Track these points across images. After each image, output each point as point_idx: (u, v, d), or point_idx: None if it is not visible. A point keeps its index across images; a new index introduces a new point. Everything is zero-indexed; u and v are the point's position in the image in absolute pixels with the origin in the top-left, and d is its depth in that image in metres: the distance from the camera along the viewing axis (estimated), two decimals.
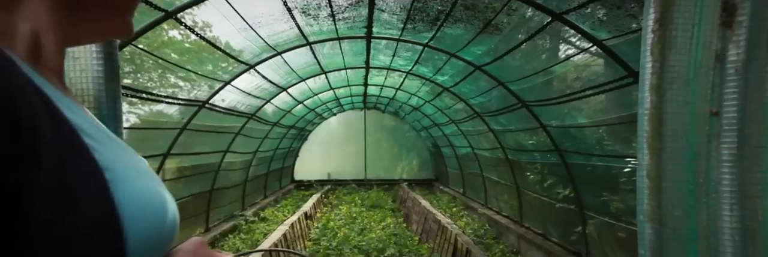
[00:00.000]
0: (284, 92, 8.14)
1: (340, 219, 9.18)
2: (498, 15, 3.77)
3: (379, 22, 4.87)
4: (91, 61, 1.02)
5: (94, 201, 0.47)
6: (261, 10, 4.02)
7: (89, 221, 0.45)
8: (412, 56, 6.46)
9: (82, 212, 0.45)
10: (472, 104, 7.59)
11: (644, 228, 1.16)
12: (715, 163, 1.03)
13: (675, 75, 1.10)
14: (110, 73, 1.07)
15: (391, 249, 6.48)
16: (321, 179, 15.50)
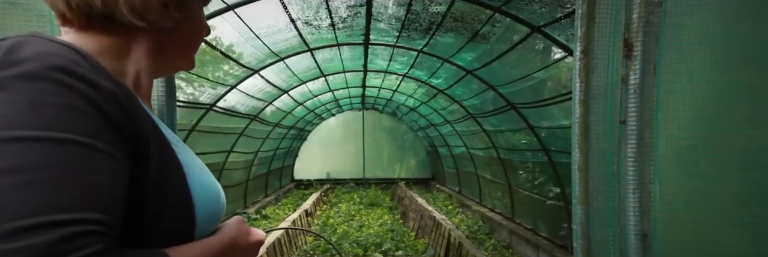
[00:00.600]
0: (285, 94, 8.49)
1: (340, 216, 9.52)
2: (484, 26, 4.13)
3: (376, 31, 5.23)
4: (158, 84, 1.37)
5: (178, 185, 0.73)
6: (268, 22, 4.38)
7: (175, 196, 0.72)
8: (407, 61, 6.82)
9: (171, 190, 0.71)
10: (466, 106, 7.94)
11: (576, 209, 1.52)
12: (624, 159, 1.38)
13: (596, 92, 1.46)
14: (170, 92, 1.43)
15: (387, 243, 6.83)
16: (320, 178, 15.78)
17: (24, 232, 0.51)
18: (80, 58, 0.63)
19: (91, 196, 0.57)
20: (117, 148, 0.62)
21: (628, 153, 1.36)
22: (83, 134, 0.58)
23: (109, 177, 0.60)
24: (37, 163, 0.55)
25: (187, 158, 0.79)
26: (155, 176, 0.69)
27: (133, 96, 0.69)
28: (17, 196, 0.53)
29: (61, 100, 0.58)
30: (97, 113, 0.61)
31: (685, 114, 1.34)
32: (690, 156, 1.34)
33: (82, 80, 0.60)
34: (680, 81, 1.32)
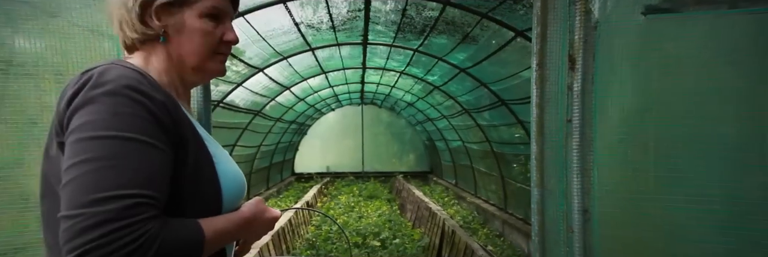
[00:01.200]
0: (287, 91, 8.84)
1: (340, 207, 9.89)
2: (473, 29, 4.47)
3: (374, 32, 5.57)
4: (196, 91, 1.72)
5: (209, 172, 0.96)
6: (273, 26, 4.72)
7: (206, 181, 0.96)
8: (404, 59, 7.15)
9: (203, 176, 0.95)
10: (461, 102, 8.29)
11: (534, 191, 1.87)
12: (570, 150, 1.73)
13: (549, 97, 1.81)
14: (205, 96, 1.78)
15: (385, 232, 7.19)
16: (320, 171, 16.07)
17: (102, 201, 0.76)
18: (142, 78, 0.90)
19: (146, 178, 0.82)
20: (165, 143, 0.87)
21: (573, 146, 1.71)
22: (143, 134, 0.84)
23: (160, 164, 0.85)
24: (113, 154, 0.80)
25: (216, 151, 1.03)
26: (192, 165, 0.94)
27: (176, 104, 0.95)
28: (100, 177, 0.78)
29: (130, 110, 0.84)
30: (153, 118, 0.86)
31: (617, 114, 1.69)
32: (620, 148, 1.69)
33: (143, 94, 0.86)
34: (612, 88, 1.67)
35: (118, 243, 0.75)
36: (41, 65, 1.54)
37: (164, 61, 1.05)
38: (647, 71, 1.65)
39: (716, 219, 1.54)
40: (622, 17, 1.63)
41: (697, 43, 1.58)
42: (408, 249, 6.38)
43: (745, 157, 1.52)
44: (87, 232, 0.75)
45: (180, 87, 1.10)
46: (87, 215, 0.76)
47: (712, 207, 1.54)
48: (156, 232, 0.80)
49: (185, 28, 1.04)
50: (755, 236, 1.47)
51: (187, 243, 0.87)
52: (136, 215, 0.78)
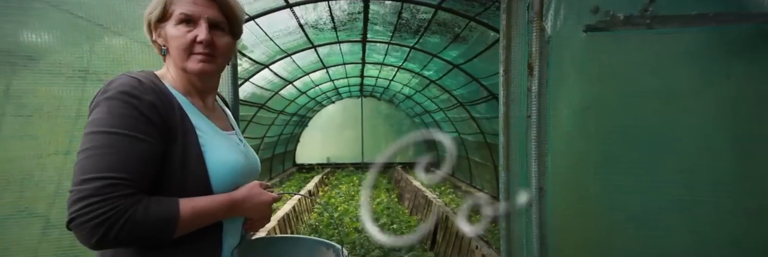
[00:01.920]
0: (290, 85, 9.25)
1: (340, 196, 10.32)
2: (463, 31, 4.88)
3: (373, 31, 5.97)
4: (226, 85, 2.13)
5: (197, 159, 1.12)
6: (280, 27, 5.12)
7: (195, 167, 1.11)
8: (401, 55, 7.56)
9: (190, 164, 1.10)
10: (456, 95, 8.69)
11: (502, 174, 2.29)
12: (530, 140, 2.14)
13: (514, 97, 2.22)
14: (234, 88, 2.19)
15: (384, 219, 7.64)
16: (321, 162, 16.40)
17: (87, 181, 0.95)
18: (138, 84, 1.07)
19: (126, 164, 1.00)
20: (152, 136, 1.05)
21: (532, 137, 2.13)
22: (130, 130, 1.02)
23: (143, 154, 1.03)
24: (102, 145, 1.00)
25: (212, 141, 1.18)
26: (180, 153, 1.12)
27: (170, 104, 1.13)
28: (89, 163, 0.98)
29: (122, 111, 1.02)
30: (142, 116, 1.04)
31: (565, 111, 2.10)
32: (569, 138, 2.11)
33: (134, 97, 1.04)
34: (562, 90, 2.08)
35: (92, 214, 0.94)
36: (109, 73, 1.95)
37: (174, 69, 1.23)
38: (588, 77, 2.06)
39: (641, 190, 1.96)
40: (568, 34, 2.04)
41: (626, 54, 2.00)
42: (405, 233, 6.82)
43: (663, 143, 1.94)
44: (74, 204, 0.95)
45: (192, 89, 1.26)
46: (75, 191, 0.96)
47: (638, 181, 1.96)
48: (126, 207, 0.97)
49: (168, 37, 1.18)
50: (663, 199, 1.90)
51: (159, 217, 1.02)
52: (110, 193, 0.96)
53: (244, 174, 1.26)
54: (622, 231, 2.05)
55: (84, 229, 0.95)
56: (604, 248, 2.07)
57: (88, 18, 1.91)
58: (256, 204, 1.22)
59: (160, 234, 1.04)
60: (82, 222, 0.94)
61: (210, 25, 1.18)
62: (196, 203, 1.09)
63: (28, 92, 1.87)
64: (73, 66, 1.90)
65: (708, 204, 1.87)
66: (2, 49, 1.80)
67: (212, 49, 1.19)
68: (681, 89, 1.96)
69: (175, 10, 1.16)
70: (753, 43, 1.85)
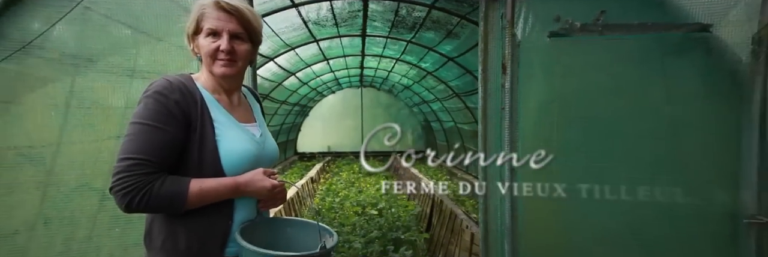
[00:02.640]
0: (293, 76, 9.63)
1: (341, 183, 10.75)
2: (455, 28, 5.27)
3: (371, 27, 6.35)
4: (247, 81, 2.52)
5: (211, 147, 1.37)
6: (285, 24, 5.51)
7: (209, 151, 1.37)
8: (399, 48, 7.93)
9: (206, 149, 1.37)
10: (452, 86, 9.08)
11: (481, 155, 2.68)
12: (503, 129, 2.54)
13: (491, 92, 2.61)
14: (253, 84, 2.58)
15: (382, 203, 8.06)
16: (322, 151, 16.70)
17: (121, 160, 1.25)
18: (169, 85, 1.34)
19: (150, 148, 1.27)
20: (172, 127, 1.31)
21: (505, 125, 2.52)
22: (156, 122, 1.29)
23: (164, 141, 1.30)
24: (135, 133, 1.28)
25: (226, 132, 1.42)
26: (198, 141, 1.37)
27: (192, 100, 1.38)
28: (126, 145, 1.27)
29: (153, 106, 1.30)
30: (166, 109, 1.30)
31: (533, 104, 2.50)
32: (535, 127, 2.51)
33: (163, 96, 1.31)
34: (531, 87, 2.47)
35: (121, 186, 1.24)
36: (151, 71, 2.35)
37: (205, 72, 1.49)
38: (552, 75, 2.46)
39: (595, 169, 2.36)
40: (535, 39, 2.43)
41: (583, 56, 2.40)
42: (402, 216, 7.23)
43: (612, 130, 2.35)
44: (112, 177, 1.26)
45: (219, 88, 1.51)
46: (115, 167, 1.27)
47: (592, 162, 2.37)
48: (146, 182, 1.25)
49: (200, 47, 1.44)
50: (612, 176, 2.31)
51: (172, 193, 1.29)
52: (135, 170, 1.25)
53: (255, 161, 1.47)
54: (580, 204, 2.46)
55: (116, 197, 1.25)
56: (564, 217, 2.48)
57: (135, 27, 2.31)
58: (258, 187, 1.41)
59: (171, 205, 1.30)
60: (115, 191, 1.24)
61: (231, 36, 1.42)
62: (204, 183, 1.34)
63: (87, 88, 2.27)
64: (122, 66, 2.30)
65: (647, 177, 2.29)
66: (68, 53, 2.20)
67: (233, 55, 1.43)
68: (627, 85, 2.39)
69: (204, 25, 1.41)
70: (683, 47, 2.26)
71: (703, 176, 2.26)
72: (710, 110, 2.27)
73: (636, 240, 2.37)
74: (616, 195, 2.36)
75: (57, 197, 2.23)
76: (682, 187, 2.26)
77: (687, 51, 2.26)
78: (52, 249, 2.21)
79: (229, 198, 1.42)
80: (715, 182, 2.24)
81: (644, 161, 2.33)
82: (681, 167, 2.28)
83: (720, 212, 2.23)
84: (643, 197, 2.31)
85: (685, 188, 2.26)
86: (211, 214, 1.40)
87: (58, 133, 2.22)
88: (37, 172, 2.19)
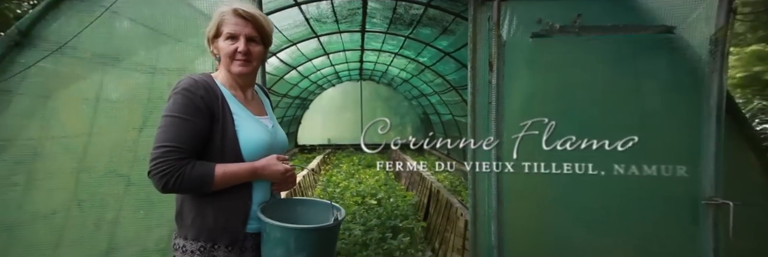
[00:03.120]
0: (294, 70, 9.87)
1: (341, 174, 11.02)
2: (450, 25, 5.51)
3: (370, 23, 6.57)
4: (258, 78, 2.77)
5: (232, 135, 1.60)
6: (288, 22, 5.75)
7: (230, 139, 1.60)
8: (397, 43, 8.16)
9: (227, 138, 1.60)
10: (449, 80, 9.30)
11: (469, 143, 2.94)
12: (490, 120, 2.78)
13: (479, 88, 2.86)
14: (262, 80, 2.82)
15: (381, 193, 8.32)
16: (322, 143, 16.90)
17: (157, 148, 1.46)
18: (194, 83, 1.54)
19: (180, 137, 1.47)
20: (200, 118, 1.51)
21: (492, 117, 2.77)
22: (185, 114, 1.49)
23: (192, 131, 1.50)
24: (167, 124, 1.48)
25: (244, 123, 1.63)
26: (220, 131, 1.57)
27: (214, 96, 1.58)
28: (160, 135, 1.48)
29: (182, 101, 1.50)
30: (193, 105, 1.51)
31: (517, 99, 2.74)
32: (518, 118, 2.76)
33: (190, 92, 1.52)
34: (515, 83, 2.72)
35: (157, 170, 1.44)
36: (171, 69, 2.59)
37: (223, 71, 1.70)
38: (534, 72, 2.71)
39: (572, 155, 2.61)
40: (519, 39, 2.67)
41: (562, 55, 2.65)
42: (400, 206, 7.50)
43: (588, 121, 2.61)
44: (150, 162, 1.46)
45: (235, 85, 1.71)
46: (151, 155, 1.47)
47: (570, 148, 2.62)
48: (178, 166, 1.45)
49: (219, 48, 1.66)
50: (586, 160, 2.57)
51: (201, 175, 1.50)
52: (169, 156, 1.45)
53: (269, 149, 1.68)
54: (559, 186, 2.72)
55: (154, 179, 1.46)
56: (543, 201, 2.75)
57: (156, 29, 2.55)
58: (272, 171, 1.63)
59: (201, 186, 1.51)
60: (153, 174, 1.46)
61: (247, 39, 1.63)
62: (226, 167, 1.55)
63: (114, 84, 2.53)
64: (145, 64, 2.55)
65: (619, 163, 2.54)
66: (97, 53, 2.45)
67: (249, 56, 1.64)
68: (601, 80, 2.65)
69: (224, 29, 1.62)
70: (652, 46, 2.53)
71: (667, 162, 2.51)
72: (674, 102, 2.53)
73: (608, 221, 2.63)
74: (591, 179, 2.61)
75: (89, 182, 2.48)
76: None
77: (654, 50, 2.52)
78: (85, 229, 2.47)
79: (248, 182, 1.63)
80: (679, 167, 2.50)
81: (616, 149, 2.59)
82: (648, 154, 2.53)
83: (682, 194, 2.50)
84: (615, 181, 2.57)
85: (653, 172, 2.52)
86: (233, 195, 1.61)
87: (89, 124, 2.47)
88: (71, 159, 2.45)
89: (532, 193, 2.79)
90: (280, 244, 1.55)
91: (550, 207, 2.76)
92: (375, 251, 5.22)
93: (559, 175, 2.67)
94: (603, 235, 2.65)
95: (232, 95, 1.67)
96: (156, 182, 1.47)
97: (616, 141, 2.57)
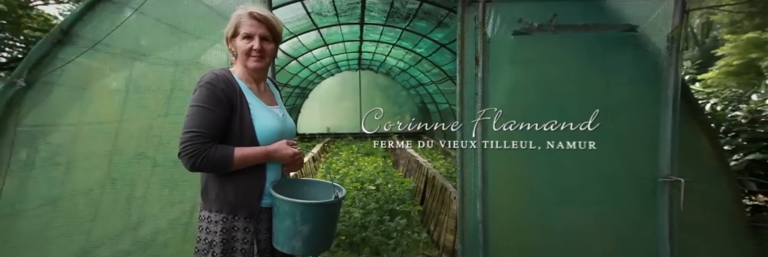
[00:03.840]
0: (294, 60, 10.15)
1: (341, 161, 11.35)
2: (444, 18, 5.81)
3: (369, 16, 6.86)
4: None
5: (248, 122, 1.86)
6: (291, 15, 6.04)
7: (247, 126, 1.86)
8: (395, 35, 8.43)
9: (245, 125, 1.86)
10: (445, 70, 9.59)
11: (458, 133, 3.26)
12: (477, 109, 3.10)
13: (467, 80, 3.18)
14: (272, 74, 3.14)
15: (380, 179, 8.66)
16: (321, 132, 17.12)
17: (185, 133, 1.71)
18: (216, 77, 1.78)
19: (205, 124, 1.72)
20: (221, 108, 1.75)
21: (478, 107, 3.10)
22: (207, 104, 1.74)
23: (212, 118, 1.74)
24: (193, 112, 1.74)
25: (258, 112, 1.87)
26: (238, 119, 1.80)
27: (233, 88, 1.81)
28: (187, 122, 1.73)
29: (206, 93, 1.75)
30: (215, 96, 1.74)
31: (501, 90, 3.05)
32: (502, 108, 3.08)
33: (212, 85, 1.75)
34: (499, 75, 3.03)
35: (185, 151, 1.68)
36: (191, 63, 2.90)
37: (240, 66, 1.93)
38: (515, 66, 3.02)
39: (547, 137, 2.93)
40: (502, 36, 2.97)
41: (540, 50, 2.96)
42: (398, 191, 7.83)
43: (562, 109, 2.93)
44: (179, 145, 1.68)
45: (250, 78, 1.94)
46: (181, 138, 1.70)
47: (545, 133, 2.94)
48: (204, 149, 1.68)
49: (237, 46, 1.89)
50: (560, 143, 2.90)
51: (222, 157, 1.73)
52: (195, 140, 1.69)
53: (280, 135, 1.93)
54: (537, 168, 3.05)
55: (183, 160, 1.70)
56: (525, 179, 3.08)
57: (178, 28, 2.86)
58: (283, 154, 1.87)
59: (223, 166, 1.75)
60: (182, 155, 1.70)
61: (261, 38, 1.87)
62: (244, 151, 1.79)
63: (142, 76, 2.84)
64: (168, 59, 2.86)
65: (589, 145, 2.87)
66: (127, 49, 2.76)
67: (262, 53, 1.89)
68: (574, 73, 2.97)
69: (241, 30, 1.87)
70: (618, 43, 2.85)
71: (631, 144, 2.85)
72: (637, 92, 2.86)
73: (579, 197, 2.97)
74: (564, 160, 2.95)
75: (120, 163, 2.81)
76: (616, 153, 2.86)
77: (620, 46, 2.84)
78: (117, 203, 2.80)
79: (262, 163, 1.89)
80: (641, 148, 2.84)
81: (587, 133, 2.91)
82: (615, 138, 2.87)
83: (643, 173, 2.84)
84: (585, 162, 2.91)
85: (618, 154, 2.87)
86: (250, 174, 1.87)
87: (120, 112, 2.79)
88: (105, 143, 2.77)
89: (514, 174, 3.11)
90: (288, 216, 1.80)
91: (530, 186, 3.08)
92: (373, 232, 5.55)
93: (538, 157, 3.00)
94: (574, 209, 2.99)
95: (247, 88, 1.91)
96: (185, 162, 1.71)
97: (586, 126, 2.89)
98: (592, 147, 2.88)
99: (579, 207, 2.96)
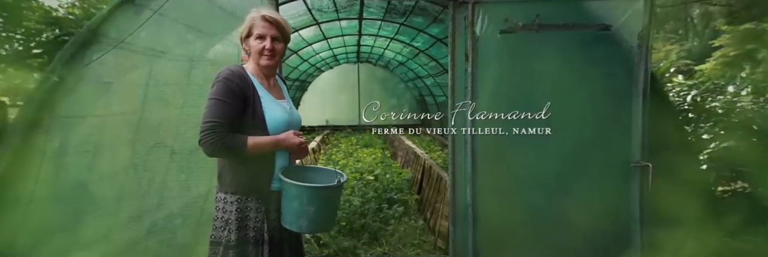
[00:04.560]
0: (294, 54, 10.39)
1: (340, 153, 11.64)
2: (440, 15, 6.07)
3: (367, 12, 7.11)
4: None
5: (259, 114, 2.04)
6: (292, 12, 6.30)
7: (259, 118, 2.03)
8: (393, 29, 8.68)
9: (257, 117, 2.03)
10: (442, 63, 9.83)
11: (451, 122, 3.54)
12: (466, 99, 3.38)
13: (458, 75, 3.44)
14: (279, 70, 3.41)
15: (378, 170, 8.94)
16: (321, 125, 17.27)
17: (204, 123, 1.88)
18: (231, 73, 1.96)
19: (220, 115, 1.88)
20: (235, 101, 1.93)
21: (467, 98, 3.36)
22: (224, 97, 1.91)
23: (228, 110, 1.91)
24: (210, 105, 1.91)
25: (268, 105, 2.04)
26: (250, 112, 1.98)
27: (248, 84, 1.99)
28: (206, 113, 1.90)
29: (222, 87, 1.93)
30: (231, 90, 1.92)
31: (489, 84, 3.32)
32: (491, 101, 3.34)
33: (229, 80, 1.93)
34: (486, 71, 3.30)
35: (205, 139, 1.84)
36: (205, 60, 3.16)
37: (252, 63, 2.10)
38: (502, 62, 3.29)
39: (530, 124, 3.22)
40: (490, 35, 3.22)
41: (525, 47, 3.23)
42: (396, 181, 8.11)
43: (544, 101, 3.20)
44: (200, 133, 1.85)
45: (261, 75, 2.12)
46: (201, 127, 1.86)
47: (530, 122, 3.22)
48: (221, 137, 1.85)
49: (250, 46, 2.07)
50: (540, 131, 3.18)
51: (237, 144, 1.90)
52: (213, 129, 1.85)
53: (287, 125, 2.10)
54: (521, 154, 3.33)
55: (203, 146, 1.88)
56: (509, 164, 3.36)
57: (194, 27, 3.12)
58: (290, 143, 2.05)
59: (238, 153, 1.93)
60: (202, 143, 1.87)
61: (272, 39, 2.05)
62: (255, 139, 1.95)
63: (160, 72, 3.10)
64: (185, 56, 3.12)
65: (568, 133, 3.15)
66: (147, 47, 3.03)
67: (273, 52, 2.07)
68: (556, 68, 3.24)
69: (254, 31, 2.05)
70: (595, 41, 3.13)
71: (606, 131, 3.14)
72: (612, 85, 3.15)
73: (558, 181, 3.26)
74: (546, 147, 3.24)
75: (141, 150, 3.07)
76: (593, 140, 3.15)
77: (597, 44, 3.12)
78: (139, 187, 3.07)
79: (272, 151, 2.08)
80: (615, 136, 3.12)
81: (566, 121, 3.18)
82: (591, 125, 3.16)
83: (616, 158, 3.13)
84: (565, 148, 3.20)
85: (595, 140, 3.16)
86: (261, 161, 2.06)
87: (141, 104, 3.06)
88: (128, 132, 3.04)
89: (500, 160, 3.39)
90: (295, 199, 1.99)
91: (514, 171, 3.37)
92: (372, 219, 5.82)
93: (522, 144, 3.27)
94: (554, 192, 3.27)
95: (259, 83, 2.09)
96: (205, 149, 1.91)
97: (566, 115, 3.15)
98: (570, 133, 3.15)
99: (558, 190, 3.25)
